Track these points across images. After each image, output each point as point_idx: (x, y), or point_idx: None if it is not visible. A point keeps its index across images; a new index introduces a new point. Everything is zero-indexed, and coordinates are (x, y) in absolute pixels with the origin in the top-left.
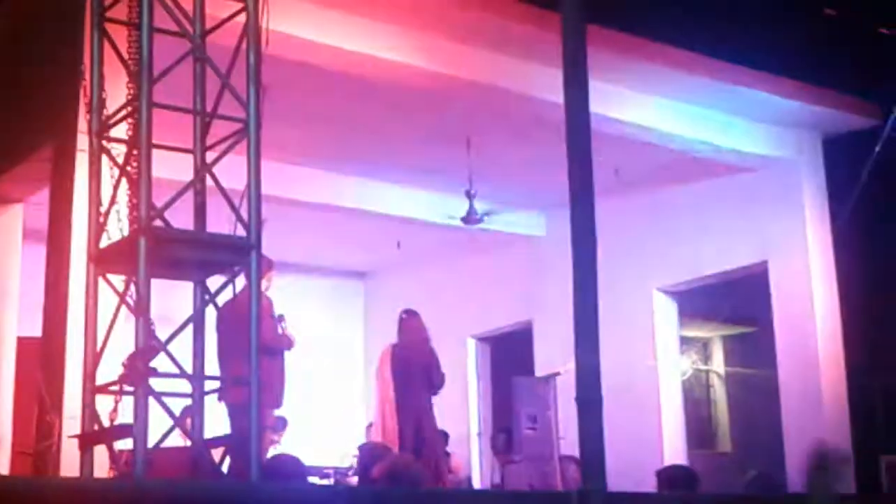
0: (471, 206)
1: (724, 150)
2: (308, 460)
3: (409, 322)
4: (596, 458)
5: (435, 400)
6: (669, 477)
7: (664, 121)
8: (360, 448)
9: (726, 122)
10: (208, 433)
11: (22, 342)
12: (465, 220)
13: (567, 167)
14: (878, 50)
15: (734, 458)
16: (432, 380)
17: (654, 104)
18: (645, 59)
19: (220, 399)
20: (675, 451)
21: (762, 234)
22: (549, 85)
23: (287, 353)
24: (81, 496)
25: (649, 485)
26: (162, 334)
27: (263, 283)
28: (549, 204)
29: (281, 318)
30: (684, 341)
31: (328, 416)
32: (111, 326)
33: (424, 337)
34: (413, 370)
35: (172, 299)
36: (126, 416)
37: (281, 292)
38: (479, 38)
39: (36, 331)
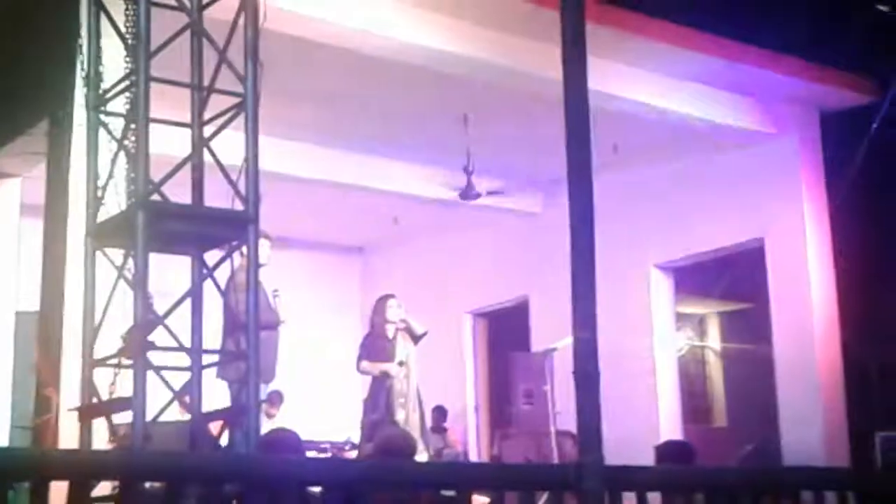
0: (468, 181)
1: (722, 127)
2: (305, 435)
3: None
4: (593, 430)
5: (432, 375)
6: (667, 451)
7: (662, 97)
8: (365, 422)
9: (723, 99)
10: (208, 407)
11: (20, 317)
12: (463, 195)
13: (565, 144)
14: (876, 26)
15: (730, 432)
16: None
17: (651, 80)
18: (643, 35)
19: (217, 375)
20: (670, 426)
21: (759, 210)
22: (546, 61)
23: (282, 328)
24: (80, 467)
25: (645, 459)
26: (161, 309)
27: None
28: (547, 180)
29: (276, 293)
30: (680, 317)
31: (325, 391)
32: (109, 300)
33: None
34: None
35: (171, 274)
36: (125, 389)
37: (279, 268)
38: (477, 14)
39: (34, 305)
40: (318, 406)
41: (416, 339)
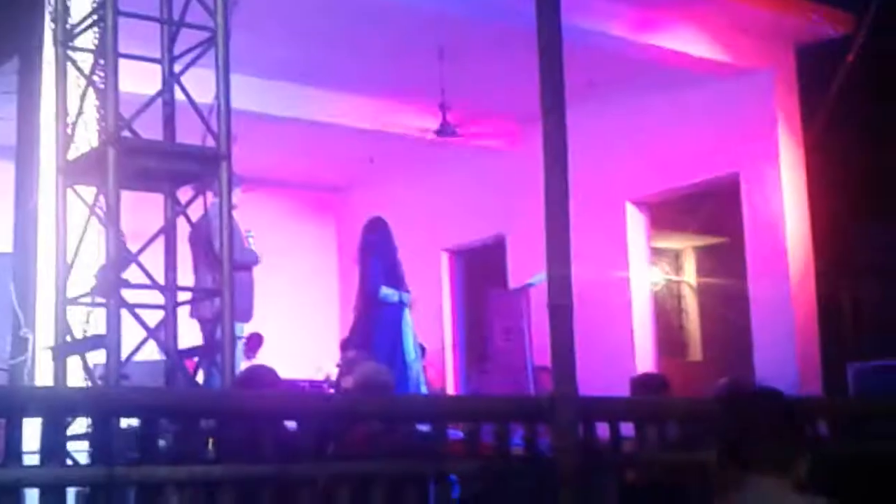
0: (444, 118)
1: (696, 60)
2: (283, 374)
3: None
4: (567, 363)
5: (410, 313)
6: (642, 383)
7: (635, 31)
8: (342, 358)
9: (697, 32)
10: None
11: None
12: (439, 132)
13: (539, 78)
14: None
15: (705, 366)
16: None
17: (624, 14)
18: None
19: (191, 315)
20: (646, 360)
21: (734, 144)
22: None
23: (257, 268)
24: (56, 403)
25: (622, 393)
26: (136, 248)
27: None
28: (524, 116)
29: (248, 233)
30: (656, 252)
31: (303, 331)
32: (81, 238)
33: None
34: None
35: (145, 213)
36: (99, 328)
37: (255, 208)
38: None
39: (7, 246)
40: (296, 346)
41: None
